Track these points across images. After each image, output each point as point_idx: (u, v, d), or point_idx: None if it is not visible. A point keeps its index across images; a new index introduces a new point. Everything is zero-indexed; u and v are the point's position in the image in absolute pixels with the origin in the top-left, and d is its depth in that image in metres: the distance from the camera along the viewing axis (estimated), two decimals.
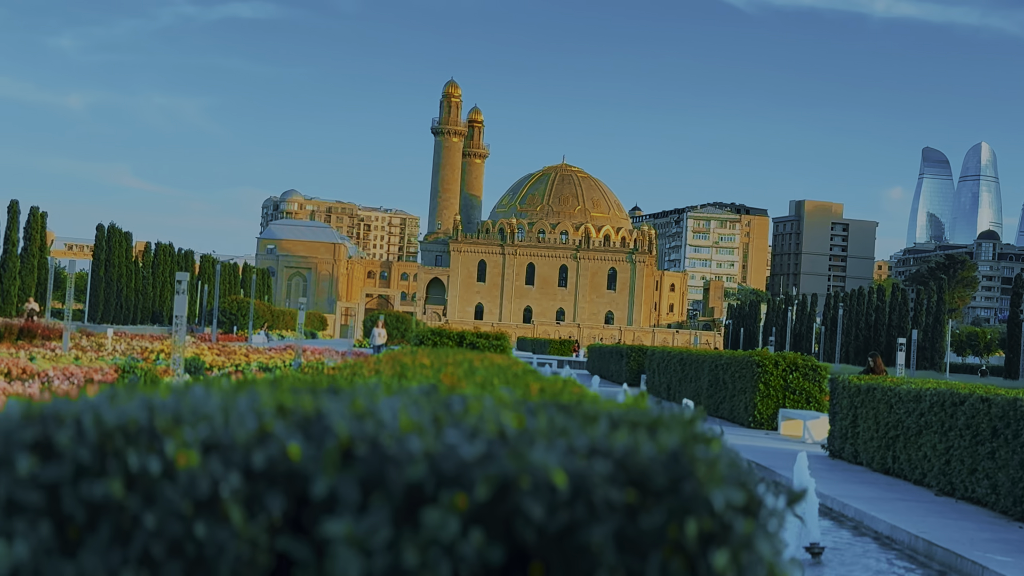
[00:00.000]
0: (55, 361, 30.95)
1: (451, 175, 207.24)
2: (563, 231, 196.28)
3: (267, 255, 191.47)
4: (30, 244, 68.80)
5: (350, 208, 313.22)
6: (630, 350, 52.34)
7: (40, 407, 2.22)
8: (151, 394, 2.43)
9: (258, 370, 30.85)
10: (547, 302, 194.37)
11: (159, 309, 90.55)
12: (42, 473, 2.06)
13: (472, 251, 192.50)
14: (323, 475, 2.07)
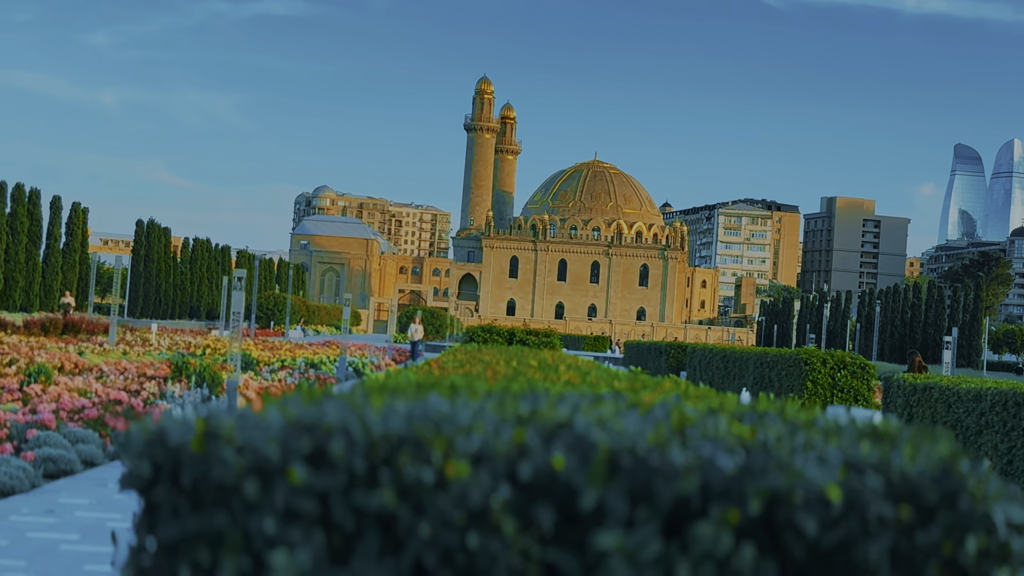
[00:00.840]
0: (104, 356, 31.23)
1: (483, 171, 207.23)
2: (595, 227, 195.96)
3: (300, 251, 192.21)
4: (71, 239, 69.41)
5: (382, 204, 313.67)
6: (669, 346, 52.17)
7: (297, 416, 2.26)
8: (385, 402, 2.46)
9: (306, 366, 31.00)
10: (579, 298, 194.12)
11: (196, 304, 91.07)
12: (316, 482, 2.10)
13: (504, 247, 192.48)
14: (591, 487, 2.09)
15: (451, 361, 9.49)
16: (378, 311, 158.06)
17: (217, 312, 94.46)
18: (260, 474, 2.09)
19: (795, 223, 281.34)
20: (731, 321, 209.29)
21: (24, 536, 8.77)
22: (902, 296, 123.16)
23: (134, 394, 16.68)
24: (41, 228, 64.98)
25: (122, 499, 10.67)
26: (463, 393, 2.93)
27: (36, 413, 13.98)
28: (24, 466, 10.96)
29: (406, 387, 4.13)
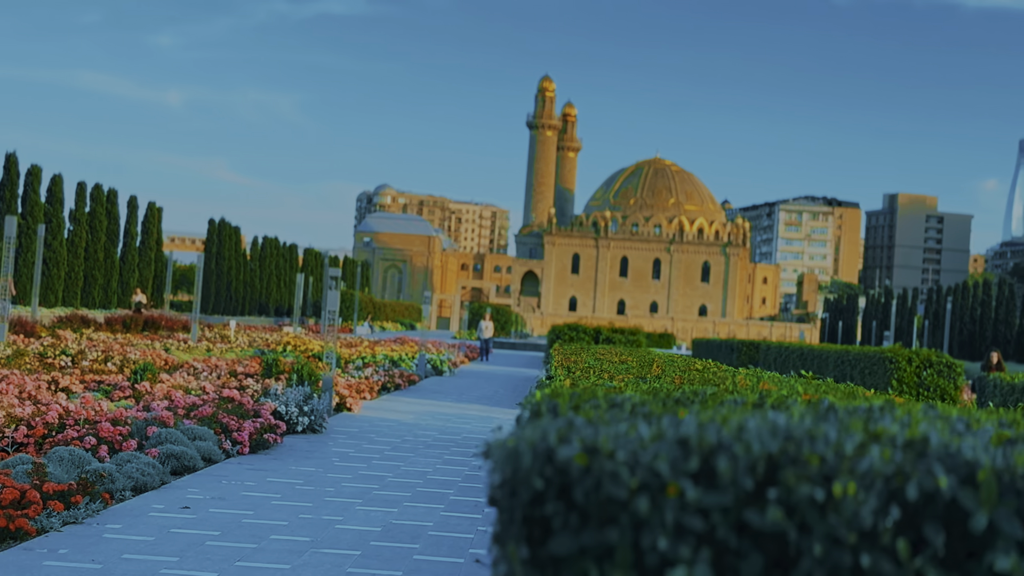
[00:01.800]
0: (189, 352, 31.63)
1: (545, 169, 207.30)
2: (656, 224, 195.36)
3: (364, 247, 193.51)
4: (147, 238, 70.46)
5: (442, 201, 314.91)
6: (741, 344, 51.85)
7: (678, 433, 2.29)
8: (735, 417, 2.49)
9: (389, 363, 31.20)
10: (640, 295, 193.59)
11: (265, 301, 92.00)
12: (704, 499, 2.13)
13: (566, 244, 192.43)
14: (982, 508, 2.10)
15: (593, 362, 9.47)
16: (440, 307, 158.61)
17: (285, 308, 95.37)
18: (650, 491, 2.12)
19: (856, 219, 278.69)
20: (793, 318, 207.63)
21: (168, 532, 8.92)
22: (971, 293, 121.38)
23: (242, 390, 16.89)
24: (118, 227, 66.02)
25: (252, 496, 10.83)
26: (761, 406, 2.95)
27: (150, 410, 14.21)
28: (152, 462, 11.15)
29: (647, 400, 4.15)
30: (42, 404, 12.83)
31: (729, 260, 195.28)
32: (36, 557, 7.77)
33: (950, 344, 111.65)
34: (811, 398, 3.88)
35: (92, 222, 61.90)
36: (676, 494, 2.15)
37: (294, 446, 14.91)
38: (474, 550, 9.12)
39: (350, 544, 8.99)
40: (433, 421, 20.11)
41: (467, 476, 13.43)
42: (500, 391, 30.17)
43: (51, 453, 10.74)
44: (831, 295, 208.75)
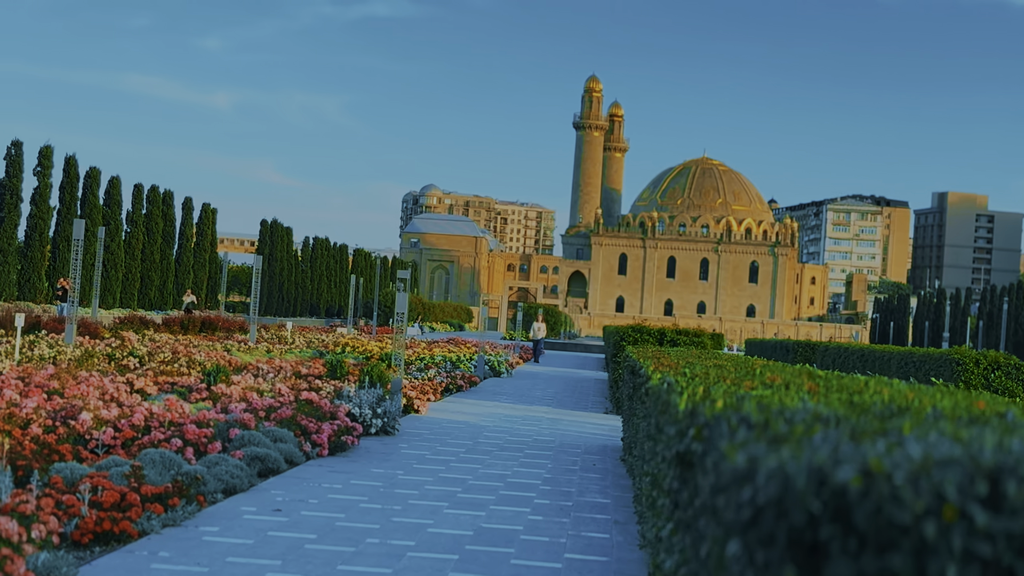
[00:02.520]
0: (250, 354, 31.78)
1: (592, 169, 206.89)
2: (704, 224, 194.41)
3: (411, 248, 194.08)
4: (201, 239, 71.00)
5: (487, 202, 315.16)
6: (796, 344, 51.42)
7: (949, 453, 2.20)
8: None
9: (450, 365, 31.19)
10: (688, 295, 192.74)
11: (316, 302, 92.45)
12: (993, 525, 2.04)
13: (613, 244, 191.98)
14: None
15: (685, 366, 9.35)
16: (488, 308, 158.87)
17: (335, 309, 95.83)
18: (935, 515, 2.04)
19: (905, 219, 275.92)
20: (842, 318, 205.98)
21: (266, 535, 8.92)
22: None
23: (315, 392, 16.93)
24: (174, 228, 66.57)
25: (340, 499, 10.82)
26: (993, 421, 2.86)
27: (228, 412, 14.26)
28: (240, 464, 11.17)
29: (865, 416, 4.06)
30: (126, 406, 12.91)
31: (777, 260, 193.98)
32: (143, 560, 7.79)
33: (1005, 345, 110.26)
34: (987, 409, 3.77)
35: (149, 224, 62.44)
36: (955, 518, 2.06)
37: (370, 448, 14.91)
38: (570, 555, 9.05)
39: (446, 548, 8.95)
40: (501, 423, 20.06)
41: (546, 479, 13.36)
42: (561, 393, 30.09)
43: (142, 455, 10.78)
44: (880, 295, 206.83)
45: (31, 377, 15.62)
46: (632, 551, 9.38)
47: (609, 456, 16.13)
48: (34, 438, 10.90)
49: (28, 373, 16.41)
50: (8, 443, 10.31)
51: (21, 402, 12.70)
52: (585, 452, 16.45)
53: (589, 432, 19.70)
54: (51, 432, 11.58)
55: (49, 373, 16.01)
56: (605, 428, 20.67)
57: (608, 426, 21.05)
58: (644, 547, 9.18)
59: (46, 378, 15.47)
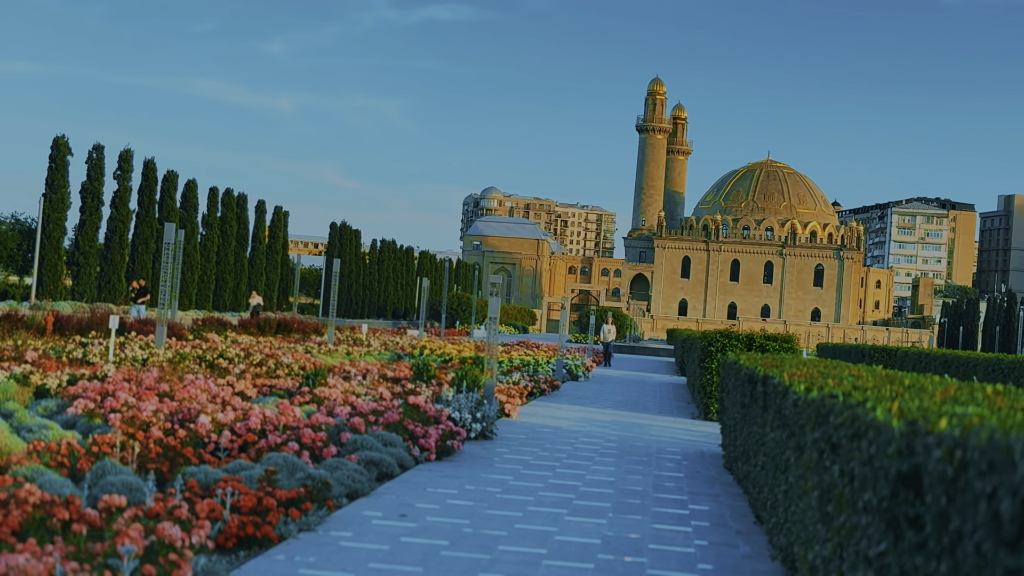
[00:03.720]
0: (331, 356, 31.95)
1: (655, 172, 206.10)
2: (768, 227, 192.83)
3: (473, 251, 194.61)
4: (274, 242, 71.70)
5: (548, 204, 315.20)
6: (872, 350, 50.87)
7: None
8: None
9: (532, 368, 31.17)
10: (752, 298, 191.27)
11: (383, 304, 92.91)
12: None
13: (676, 247, 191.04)
14: None
15: (847, 380, 9.21)
16: (549, 310, 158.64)
17: (402, 311, 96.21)
18: None
19: (971, 222, 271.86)
20: (908, 322, 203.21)
21: (400, 541, 8.94)
22: None
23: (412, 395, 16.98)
24: (247, 231, 67.26)
25: (461, 505, 10.83)
26: None
27: (334, 415, 14.34)
28: (359, 469, 11.22)
29: None
30: (239, 409, 13.03)
31: (843, 264, 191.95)
32: (290, 566, 7.84)
33: None
34: None
35: (223, 227, 63.13)
36: None
37: (472, 453, 14.92)
38: (703, 566, 8.99)
39: (578, 557, 8.92)
40: (594, 428, 20.01)
41: (655, 486, 13.30)
42: (643, 398, 29.97)
43: (266, 459, 10.87)
44: (948, 299, 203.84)
45: (140, 379, 15.82)
46: (763, 562, 9.29)
47: (709, 463, 16.02)
48: (157, 441, 11.03)
49: (132, 375, 16.62)
50: (138, 446, 10.45)
51: (137, 404, 12.86)
52: (684, 458, 16.36)
53: (681, 438, 19.59)
54: (170, 435, 11.71)
55: (155, 376, 16.21)
56: (696, 434, 20.54)
57: (699, 432, 20.92)
58: (776, 559, 9.09)
59: (155, 380, 15.67)
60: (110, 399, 13.22)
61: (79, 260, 49.15)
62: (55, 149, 42.11)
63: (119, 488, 8.91)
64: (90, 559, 6.33)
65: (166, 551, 6.70)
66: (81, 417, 12.63)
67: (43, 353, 20.14)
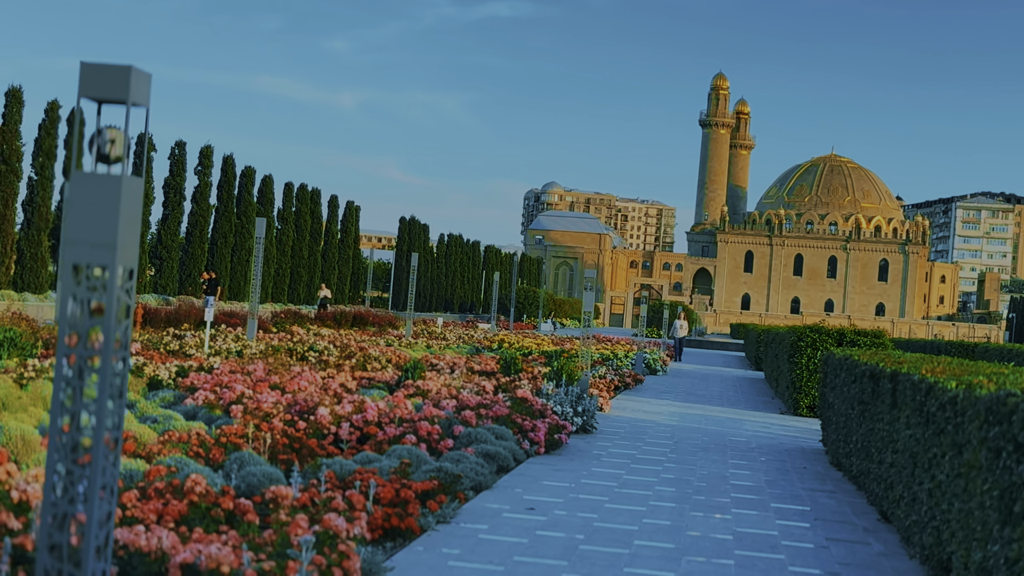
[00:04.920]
0: (411, 349, 32.10)
1: (718, 167, 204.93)
2: (832, 222, 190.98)
3: (535, 245, 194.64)
4: (346, 236, 72.20)
5: (608, 199, 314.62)
6: (949, 345, 50.11)
7: None
8: None
9: (616, 362, 31.13)
10: (815, 293, 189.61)
11: (450, 297, 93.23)
12: None
13: (739, 242, 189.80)
14: None
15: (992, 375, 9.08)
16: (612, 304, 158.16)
17: (468, 305, 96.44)
18: None
19: None
20: (973, 318, 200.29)
21: (536, 535, 8.96)
22: None
23: (504, 389, 17.02)
24: (321, 225, 67.80)
25: (582, 499, 10.83)
26: None
27: (441, 408, 14.40)
28: (480, 462, 11.26)
29: None
30: (355, 402, 13.13)
31: (908, 258, 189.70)
32: (439, 558, 7.88)
33: None
34: None
35: (298, 221, 63.66)
36: None
37: (578, 446, 14.93)
38: (841, 563, 8.91)
39: (715, 552, 8.89)
40: (688, 423, 19.94)
41: (767, 481, 13.22)
42: (724, 392, 29.83)
43: (390, 452, 10.95)
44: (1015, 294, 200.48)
45: (247, 371, 16.01)
46: (901, 560, 9.20)
47: (812, 458, 15.90)
48: (282, 432, 11.15)
49: (237, 367, 16.82)
50: (269, 438, 10.57)
51: (255, 396, 13.01)
52: (784, 454, 16.25)
53: (776, 433, 19.46)
54: (291, 426, 11.83)
55: (263, 368, 16.39)
56: (790, 429, 20.40)
57: (792, 427, 20.78)
58: (914, 557, 8.99)
59: (264, 373, 15.84)
60: (226, 391, 13.38)
61: (162, 254, 49.81)
62: (139, 145, 42.75)
63: (261, 478, 9.02)
64: (261, 549, 6.41)
65: (331, 541, 6.78)
66: (202, 408, 12.80)
67: (144, 345, 20.44)
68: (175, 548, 5.91)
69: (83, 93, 4.16)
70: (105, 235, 4.16)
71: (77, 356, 4.26)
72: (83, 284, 4.19)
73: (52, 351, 17.70)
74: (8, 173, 37.36)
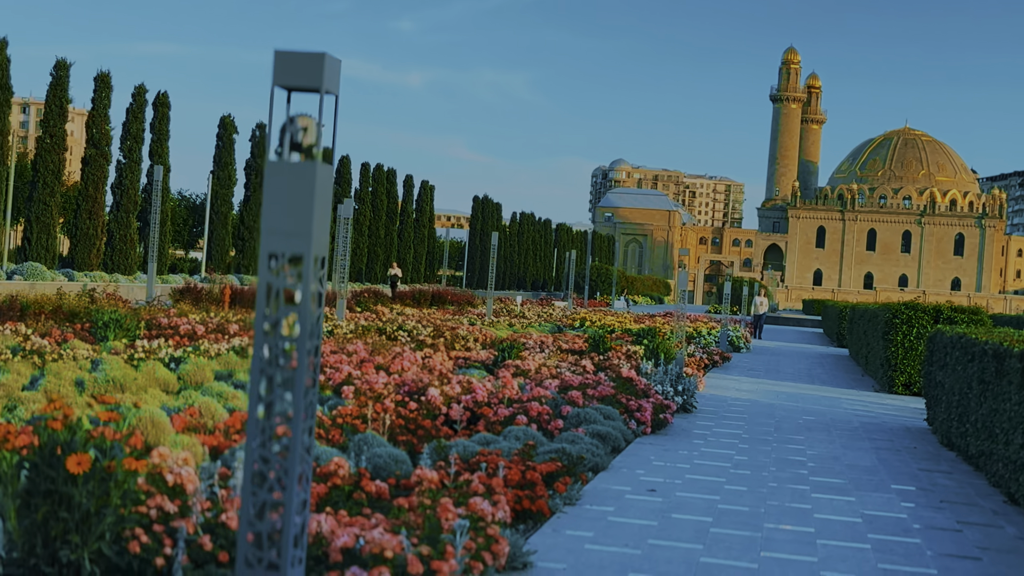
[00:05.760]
0: (494, 328, 32.06)
1: (789, 142, 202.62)
2: (906, 196, 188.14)
3: (604, 222, 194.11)
4: (421, 215, 72.46)
5: (676, 176, 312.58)
6: None
7: None
8: None
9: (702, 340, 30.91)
10: (888, 268, 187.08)
11: (523, 275, 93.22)
12: None
13: (810, 217, 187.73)
14: None
15: None
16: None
17: (540, 282, 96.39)
18: None
19: None
20: None
21: (666, 517, 8.86)
22: None
23: (611, 369, 16.94)
24: (396, 205, 68.09)
25: (700, 480, 10.71)
26: None
27: (544, 387, 14.34)
28: (595, 443, 11.18)
29: None
30: (462, 382, 13.13)
31: (984, 232, 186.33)
32: (574, 541, 7.81)
33: None
34: None
35: (374, 201, 64.00)
36: None
37: (681, 426, 14.80)
38: (982, 547, 8.71)
39: (848, 535, 8.72)
40: (785, 402, 19.73)
41: (881, 461, 13.01)
42: (814, 370, 29.51)
43: (506, 433, 10.92)
44: None
45: (349, 351, 16.09)
46: None
47: (918, 438, 15.64)
48: (395, 413, 11.16)
49: (337, 347, 16.91)
50: (388, 419, 10.59)
51: (363, 377, 13.05)
52: (891, 433, 16.00)
53: (875, 412, 19.17)
54: (402, 407, 11.85)
55: (365, 348, 16.46)
56: (889, 408, 20.09)
57: (890, 405, 20.47)
58: None
59: (368, 353, 15.91)
60: (334, 371, 13.45)
61: (244, 234, 50.33)
62: (222, 128, 43.20)
63: (387, 460, 9.02)
64: (411, 532, 6.39)
65: (475, 525, 6.75)
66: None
67: (240, 325, 20.65)
68: (334, 532, 5.91)
69: (277, 81, 4.13)
70: (300, 224, 4.13)
71: (271, 345, 4.25)
72: (280, 273, 4.17)
73: (154, 332, 17.93)
74: (98, 157, 37.95)
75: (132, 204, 40.57)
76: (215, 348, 15.43)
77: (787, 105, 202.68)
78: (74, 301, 21.61)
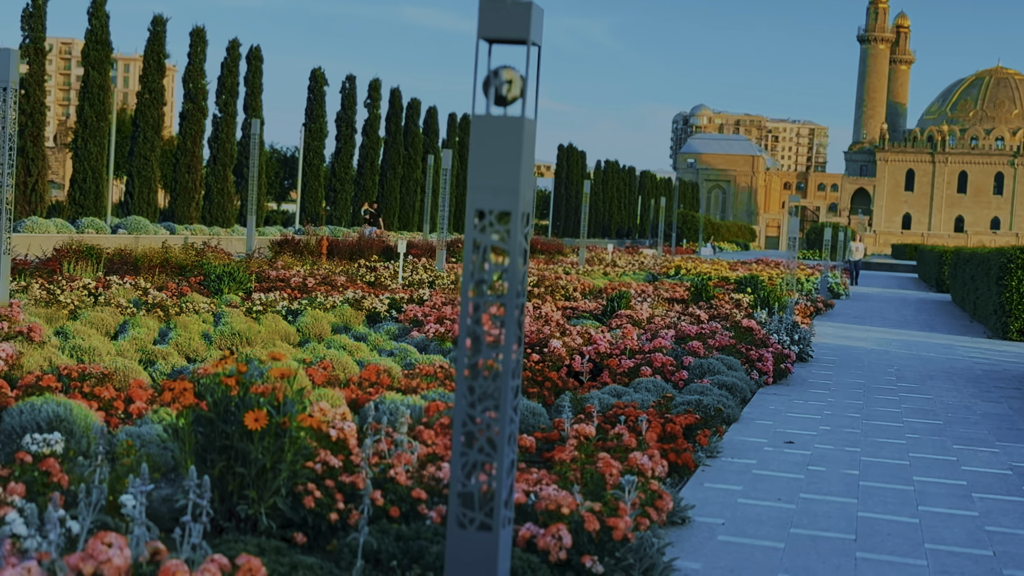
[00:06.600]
0: (589, 276, 31.89)
1: (877, 83, 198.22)
2: (998, 137, 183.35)
3: (687, 168, 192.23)
4: None
5: (758, 120, 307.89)
6: None
7: None
8: None
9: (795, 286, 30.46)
10: (980, 211, 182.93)
11: (607, 223, 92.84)
12: None
13: (899, 160, 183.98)
14: None
15: None
16: (767, 227, 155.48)
17: (625, 230, 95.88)
18: None
19: None
20: None
21: (808, 470, 8.67)
22: None
23: (724, 318, 16.73)
24: None
25: (840, 432, 10.49)
26: None
27: (661, 338, 14.19)
28: (724, 394, 10.97)
29: None
30: (582, 333, 13.02)
31: None
32: (727, 495, 7.67)
33: None
34: None
35: (462, 151, 63.93)
36: None
37: (801, 376, 14.54)
38: None
39: (1003, 489, 8.44)
40: (898, 349, 19.35)
41: (1016, 410, 12.67)
42: (920, 316, 28.96)
43: (635, 384, 10.80)
44: None
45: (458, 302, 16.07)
46: None
47: None
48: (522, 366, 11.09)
49: (447, 299, 16.89)
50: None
51: None
52: (1017, 381, 15.59)
53: (994, 359, 18.71)
54: (525, 359, 11.77)
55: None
56: (1007, 354, 19.61)
57: (1008, 352, 19.99)
58: None
59: None
60: (452, 323, 13.42)
61: (336, 186, 50.58)
62: (313, 80, 43.34)
63: (524, 413, 8.96)
64: (570, 486, 6.31)
65: (637, 478, 6.64)
66: (432, 341, 12.84)
67: (348, 277, 20.73)
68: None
69: (482, 34, 3.99)
70: (508, 179, 4.02)
71: (477, 304, 4.16)
72: (487, 231, 4.07)
73: (265, 285, 18.07)
74: (195, 111, 38.31)
75: (228, 158, 40.99)
76: (329, 301, 15.49)
77: (875, 46, 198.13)
78: (180, 255, 21.86)
